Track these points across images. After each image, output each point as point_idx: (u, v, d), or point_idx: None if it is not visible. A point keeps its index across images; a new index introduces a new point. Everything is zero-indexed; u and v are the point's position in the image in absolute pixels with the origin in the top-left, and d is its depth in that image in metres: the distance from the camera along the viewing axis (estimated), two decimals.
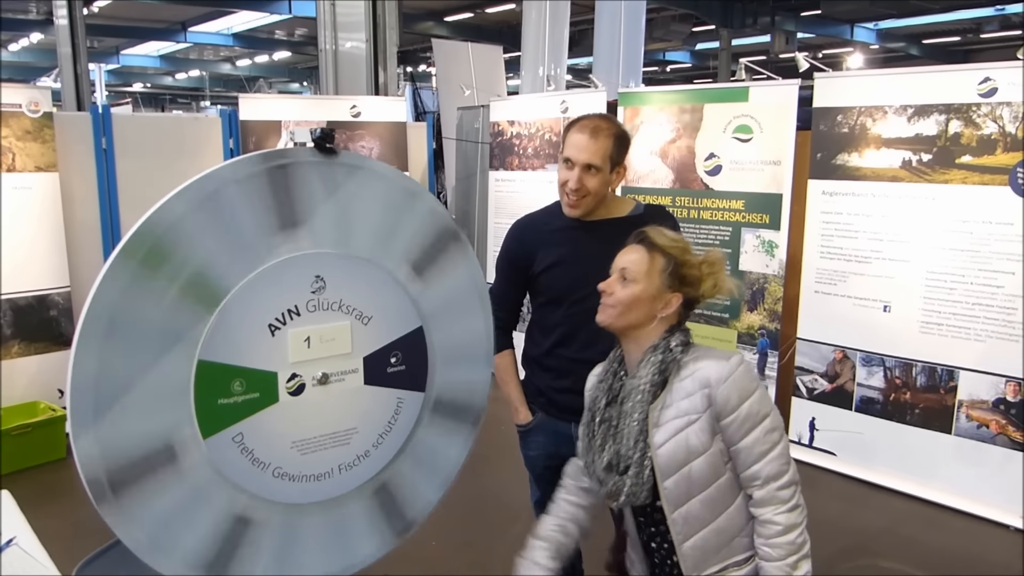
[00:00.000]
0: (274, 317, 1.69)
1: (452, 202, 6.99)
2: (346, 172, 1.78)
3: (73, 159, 4.74)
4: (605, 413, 1.74)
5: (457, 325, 1.99)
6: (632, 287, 1.68)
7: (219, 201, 1.61)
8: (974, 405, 3.80)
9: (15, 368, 4.48)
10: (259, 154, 1.67)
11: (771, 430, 1.61)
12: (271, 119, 5.62)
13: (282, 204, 1.69)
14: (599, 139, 2.12)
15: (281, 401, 1.73)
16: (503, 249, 2.39)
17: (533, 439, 2.35)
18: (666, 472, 1.61)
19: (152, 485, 1.57)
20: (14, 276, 4.43)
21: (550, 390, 2.30)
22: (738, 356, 1.65)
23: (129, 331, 1.52)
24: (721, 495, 1.61)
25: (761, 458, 1.59)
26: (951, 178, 3.81)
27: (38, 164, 4.51)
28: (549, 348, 2.27)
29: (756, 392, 1.62)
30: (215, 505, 1.67)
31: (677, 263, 1.68)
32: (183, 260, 1.57)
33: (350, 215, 1.79)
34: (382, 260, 1.85)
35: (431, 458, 2.02)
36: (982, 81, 3.70)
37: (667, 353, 1.65)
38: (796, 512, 1.60)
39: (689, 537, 1.63)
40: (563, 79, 8.53)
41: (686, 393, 1.61)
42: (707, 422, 1.59)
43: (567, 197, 2.19)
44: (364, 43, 7.97)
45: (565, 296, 2.21)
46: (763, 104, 4.41)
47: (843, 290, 4.20)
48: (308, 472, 1.80)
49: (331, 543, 1.89)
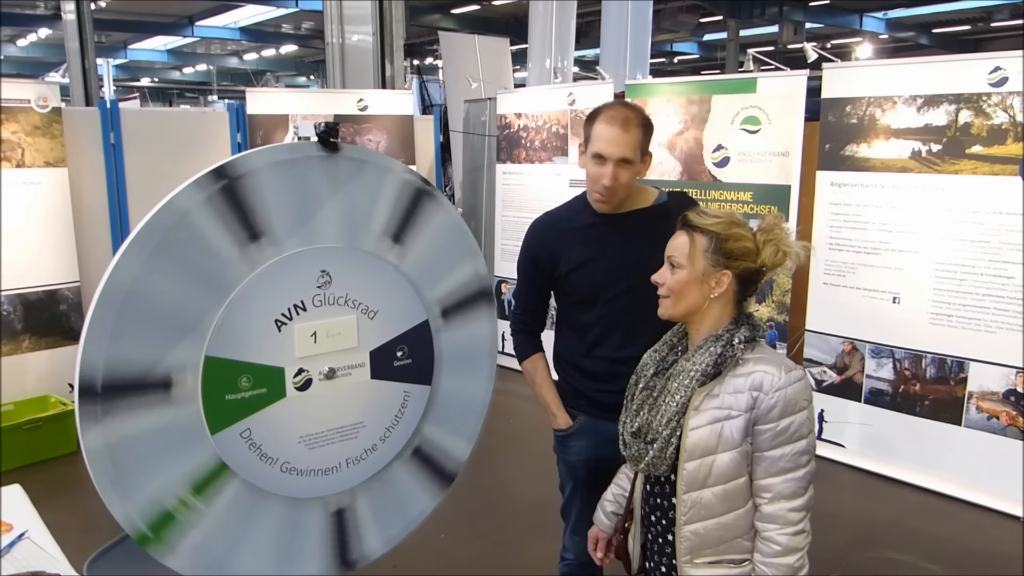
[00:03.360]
0: (280, 312, 1.70)
1: (459, 196, 6.98)
2: (354, 167, 1.79)
3: (82, 154, 4.76)
4: (650, 381, 1.74)
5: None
6: (679, 273, 1.66)
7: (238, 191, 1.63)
8: (984, 396, 3.78)
9: (25, 363, 4.50)
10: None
11: (802, 453, 1.58)
12: (278, 113, 5.62)
13: (296, 197, 1.71)
14: (630, 130, 2.01)
15: (288, 396, 1.74)
16: (524, 251, 2.26)
17: (574, 444, 2.23)
18: (691, 454, 1.60)
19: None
20: (24, 271, 4.46)
21: (591, 391, 2.18)
22: (799, 371, 1.61)
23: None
24: (735, 494, 1.60)
25: (781, 474, 1.57)
26: (961, 168, 3.78)
27: (47, 159, 4.53)
28: (586, 350, 2.16)
29: (802, 413, 1.58)
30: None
31: (720, 239, 1.63)
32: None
33: (355, 209, 1.80)
34: (387, 254, 1.85)
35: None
36: (992, 70, 3.67)
37: (727, 348, 1.62)
38: (800, 537, 1.58)
39: (692, 522, 1.62)
40: (570, 71, 8.50)
41: (735, 389, 1.59)
42: (745, 422, 1.57)
43: (599, 194, 2.07)
44: (371, 36, 7.97)
45: (597, 296, 2.12)
46: (771, 95, 4.38)
47: (852, 281, 4.18)
48: (316, 466, 1.81)
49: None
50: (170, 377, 1.58)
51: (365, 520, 1.94)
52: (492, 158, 6.19)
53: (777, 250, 1.62)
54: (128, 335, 1.53)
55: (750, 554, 1.63)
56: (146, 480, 1.59)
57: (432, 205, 1.94)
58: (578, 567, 2.34)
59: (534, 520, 3.54)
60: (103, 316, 1.50)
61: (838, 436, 4.29)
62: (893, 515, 3.74)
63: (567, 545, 2.38)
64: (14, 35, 19.77)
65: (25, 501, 2.21)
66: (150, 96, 25.38)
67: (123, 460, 1.54)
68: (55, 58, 19.66)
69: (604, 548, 1.97)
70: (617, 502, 1.95)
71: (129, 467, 1.56)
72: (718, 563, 1.63)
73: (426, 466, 2.03)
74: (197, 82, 27.96)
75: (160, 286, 1.55)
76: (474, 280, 2.06)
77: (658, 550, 1.74)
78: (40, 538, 2.02)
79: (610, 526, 1.95)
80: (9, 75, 9.42)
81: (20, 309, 4.48)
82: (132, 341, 1.53)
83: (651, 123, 2.11)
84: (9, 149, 4.38)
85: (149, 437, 1.57)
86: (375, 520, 1.95)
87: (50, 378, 4.55)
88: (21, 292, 4.47)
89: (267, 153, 1.69)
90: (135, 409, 1.55)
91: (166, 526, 1.63)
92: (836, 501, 3.81)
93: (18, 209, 4.40)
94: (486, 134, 6.34)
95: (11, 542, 1.97)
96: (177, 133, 5.18)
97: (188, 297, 1.59)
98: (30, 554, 1.93)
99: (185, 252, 1.58)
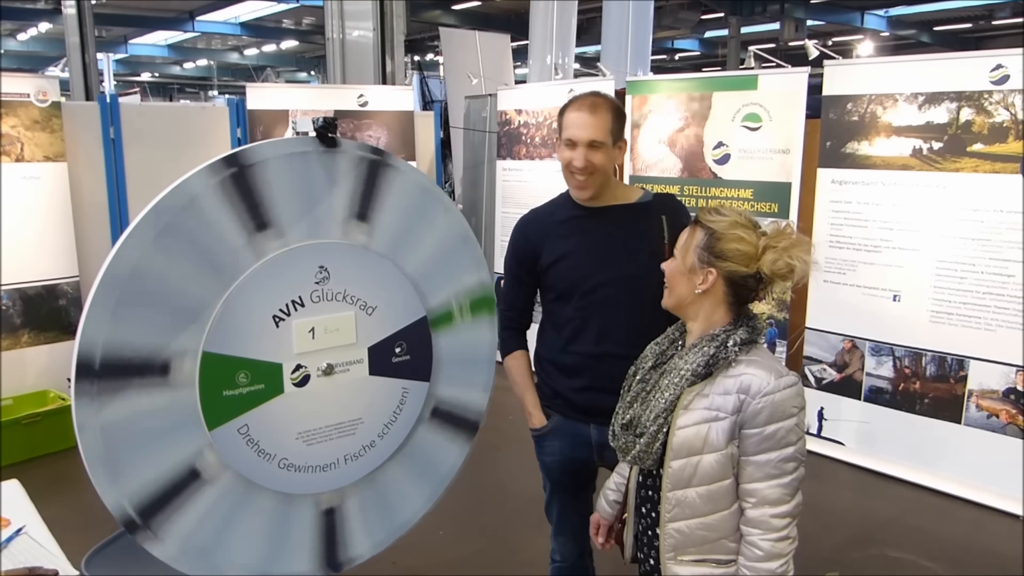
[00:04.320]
0: (278, 308, 1.69)
1: (460, 192, 6.97)
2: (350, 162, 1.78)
3: (81, 149, 4.75)
4: (647, 374, 1.73)
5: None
6: (673, 262, 1.68)
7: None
8: (984, 395, 3.78)
9: (25, 357, 4.50)
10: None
11: (788, 460, 1.56)
12: (278, 108, 5.61)
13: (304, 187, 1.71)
14: (599, 114, 2.03)
15: (286, 392, 1.73)
16: (510, 247, 2.29)
17: (549, 444, 2.24)
18: (677, 453, 1.59)
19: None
20: (23, 266, 4.45)
21: (567, 390, 2.18)
22: (791, 378, 1.58)
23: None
24: (720, 495, 1.59)
25: (766, 479, 1.56)
26: (962, 166, 3.78)
27: (46, 154, 4.52)
28: (563, 345, 2.16)
29: (791, 420, 1.55)
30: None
31: (714, 237, 1.60)
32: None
33: (352, 204, 1.79)
34: (384, 249, 1.85)
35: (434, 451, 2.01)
36: (994, 68, 3.66)
37: (721, 349, 1.59)
38: (785, 543, 1.56)
39: (676, 520, 1.61)
40: (571, 67, 8.48)
41: (724, 390, 1.57)
42: (731, 424, 1.56)
43: (574, 178, 2.08)
44: (371, 32, 7.96)
45: (575, 288, 2.12)
46: (772, 92, 4.37)
47: (852, 279, 4.18)
48: (314, 463, 1.80)
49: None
50: (169, 361, 1.58)
51: (353, 521, 1.93)
52: (492, 154, 6.18)
53: (778, 259, 1.57)
54: (130, 314, 1.52)
55: (735, 555, 1.62)
56: (137, 464, 1.58)
57: (436, 205, 1.95)
58: (567, 568, 2.34)
59: (533, 516, 3.53)
60: (107, 292, 1.50)
61: (837, 434, 4.28)
62: (892, 513, 3.74)
63: (553, 547, 2.38)
64: (14, 29, 19.75)
65: (23, 496, 2.20)
66: (150, 91, 25.36)
67: (115, 442, 1.53)
68: (55, 52, 19.60)
69: (605, 534, 1.97)
70: (619, 490, 1.95)
71: (121, 449, 1.54)
72: (703, 562, 1.62)
73: (448, 424, 2.04)
74: (197, 77, 27.94)
75: (165, 267, 1.55)
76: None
77: (647, 542, 1.74)
78: (38, 533, 2.01)
79: (612, 513, 1.96)
80: (9, 69, 9.40)
81: (19, 304, 4.47)
82: (133, 321, 1.53)
83: (622, 110, 2.12)
84: (8, 143, 4.38)
85: (143, 420, 1.56)
86: (363, 522, 1.94)
87: (49, 373, 4.55)
88: (20, 287, 4.47)
89: (279, 145, 1.70)
90: (131, 390, 1.54)
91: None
92: (835, 499, 3.81)
93: (17, 204, 4.40)
94: (487, 130, 6.34)
95: (9, 537, 1.97)
96: (177, 128, 5.17)
97: (192, 281, 1.59)
98: (27, 549, 1.93)
99: (193, 235, 1.58)
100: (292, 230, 1.71)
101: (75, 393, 1.49)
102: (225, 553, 1.72)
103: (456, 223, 2.01)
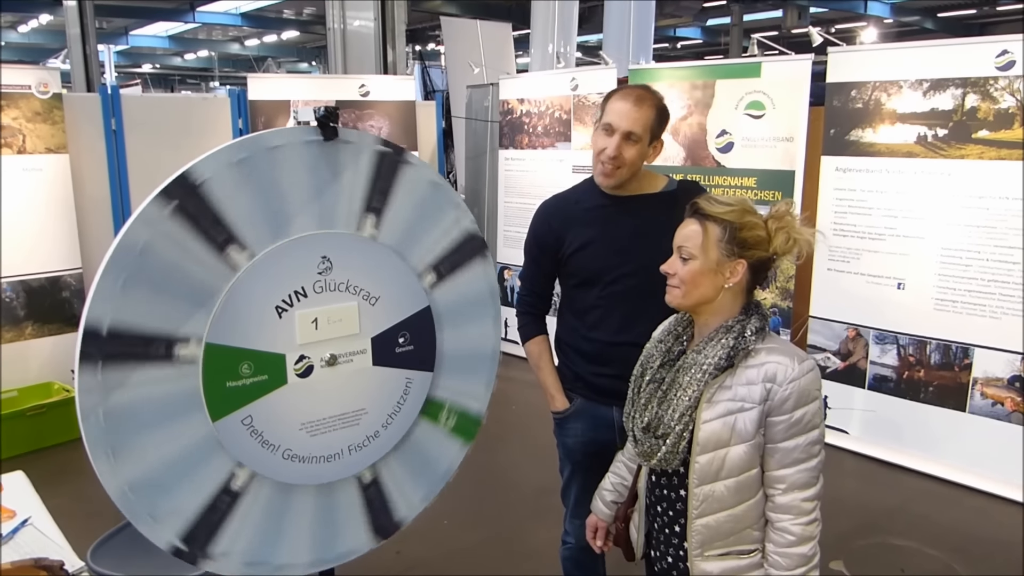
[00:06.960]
0: (281, 299, 1.69)
1: (462, 182, 6.96)
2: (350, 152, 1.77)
3: (83, 140, 4.74)
4: (657, 373, 1.71)
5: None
6: (691, 264, 1.63)
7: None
8: (989, 383, 3.77)
9: (29, 349, 4.51)
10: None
11: (814, 443, 1.58)
12: (280, 99, 5.60)
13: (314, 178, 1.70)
14: (643, 108, 2.04)
15: (290, 383, 1.73)
16: (531, 231, 2.28)
17: (571, 426, 2.26)
18: (704, 448, 1.59)
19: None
20: (25, 258, 4.45)
21: (589, 375, 2.20)
22: (811, 361, 1.60)
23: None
24: (747, 486, 1.59)
25: (795, 464, 1.57)
26: (967, 153, 3.76)
27: (48, 145, 4.52)
28: (584, 332, 2.18)
29: (814, 403, 1.58)
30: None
31: (734, 228, 1.60)
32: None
33: (352, 194, 1.78)
34: (388, 240, 1.84)
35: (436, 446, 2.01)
36: (999, 54, 3.64)
37: (740, 339, 1.59)
38: (814, 525, 1.58)
39: (705, 515, 1.61)
40: (573, 56, 8.45)
41: (748, 381, 1.57)
42: (758, 414, 1.56)
43: (602, 165, 2.08)
44: (372, 22, 7.92)
45: (598, 277, 2.13)
46: (775, 80, 4.35)
47: (856, 267, 4.17)
48: (318, 453, 1.80)
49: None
50: (174, 345, 1.57)
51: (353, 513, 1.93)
52: (495, 144, 6.17)
53: (788, 238, 1.60)
54: (138, 291, 1.51)
55: (758, 544, 1.62)
56: (138, 446, 1.57)
57: (441, 199, 1.94)
58: (579, 551, 2.35)
59: (537, 506, 3.54)
60: (116, 267, 1.49)
61: (842, 422, 4.28)
62: (897, 501, 3.74)
63: (568, 529, 2.39)
64: (15, 21, 19.69)
65: (28, 488, 2.22)
66: (152, 82, 25.34)
67: (117, 423, 1.52)
68: (56, 44, 19.61)
69: (603, 536, 1.97)
70: (616, 491, 1.94)
71: (122, 430, 1.53)
72: (727, 555, 1.62)
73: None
74: (199, 68, 27.88)
75: (174, 247, 1.55)
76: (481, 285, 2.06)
77: (664, 540, 1.73)
78: (43, 525, 2.02)
79: (609, 515, 1.95)
80: (10, 61, 9.38)
81: (22, 296, 4.48)
82: (141, 298, 1.52)
83: (666, 111, 2.12)
84: (10, 135, 4.37)
85: (146, 402, 1.55)
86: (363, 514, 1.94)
87: (53, 365, 4.56)
88: (23, 278, 4.47)
89: (294, 132, 1.69)
90: (136, 371, 1.53)
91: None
92: (840, 487, 3.81)
93: (19, 195, 4.40)
94: (488, 120, 6.32)
95: (14, 528, 1.98)
96: (178, 119, 5.17)
97: (197, 268, 1.58)
98: (33, 540, 1.94)
99: (200, 220, 1.57)
100: (296, 221, 1.70)
101: (79, 366, 1.47)
102: (224, 539, 1.71)
103: (464, 219, 2.00)
